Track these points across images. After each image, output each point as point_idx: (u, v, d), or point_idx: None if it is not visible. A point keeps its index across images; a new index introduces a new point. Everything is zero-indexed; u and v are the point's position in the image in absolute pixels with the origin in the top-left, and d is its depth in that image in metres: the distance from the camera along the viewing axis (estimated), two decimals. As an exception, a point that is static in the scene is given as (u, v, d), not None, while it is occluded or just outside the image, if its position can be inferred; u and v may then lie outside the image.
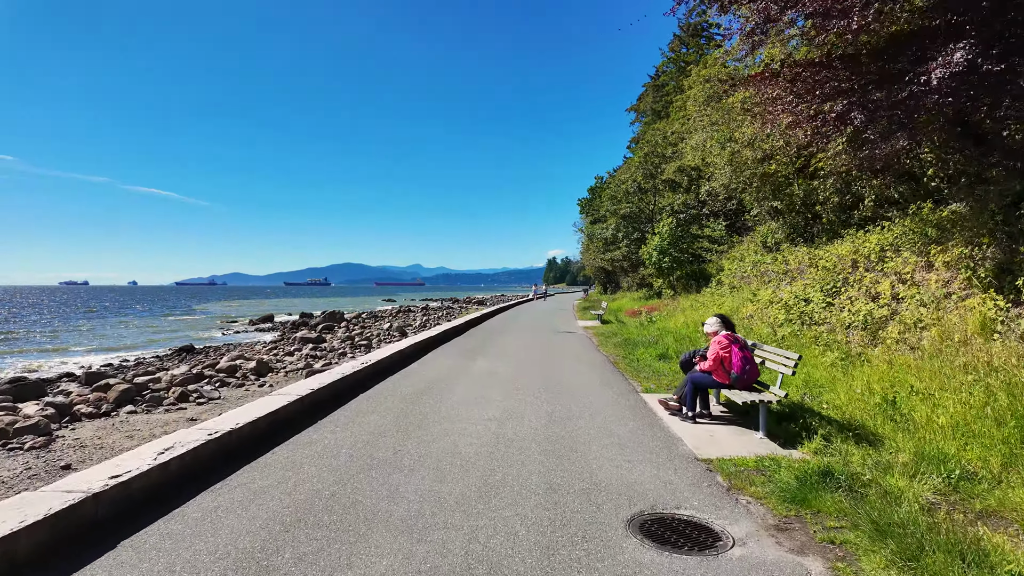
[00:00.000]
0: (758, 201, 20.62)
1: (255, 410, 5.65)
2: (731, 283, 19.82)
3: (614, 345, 14.02)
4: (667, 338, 13.90)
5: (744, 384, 6.10)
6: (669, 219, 27.20)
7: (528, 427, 6.13)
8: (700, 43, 56.20)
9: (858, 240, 13.31)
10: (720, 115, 21.21)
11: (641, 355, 11.72)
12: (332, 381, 7.56)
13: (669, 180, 33.56)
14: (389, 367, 10.13)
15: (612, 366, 10.79)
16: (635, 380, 9.21)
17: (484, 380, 9.01)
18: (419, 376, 9.42)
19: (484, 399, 7.55)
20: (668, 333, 14.72)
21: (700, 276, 26.71)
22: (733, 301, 16.28)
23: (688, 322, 15.36)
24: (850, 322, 10.43)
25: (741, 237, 26.75)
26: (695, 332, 13.79)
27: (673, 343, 12.67)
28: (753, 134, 18.22)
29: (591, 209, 58.37)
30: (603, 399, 7.62)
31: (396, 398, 7.61)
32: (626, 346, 13.53)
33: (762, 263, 18.71)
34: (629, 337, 15.23)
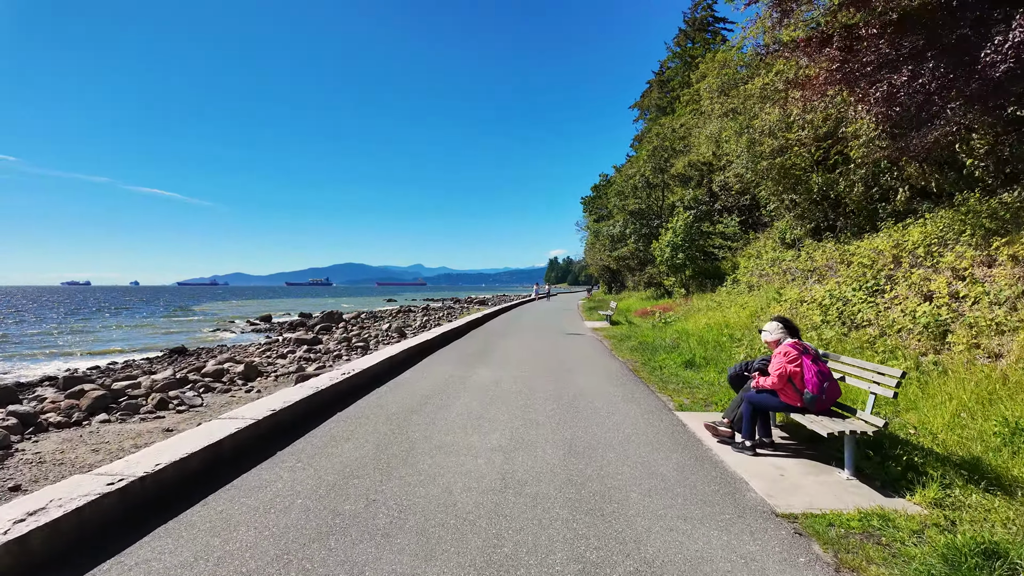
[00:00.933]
0: (775, 195, 19.30)
1: (187, 444, 4.31)
2: (749, 281, 18.48)
3: (629, 350, 12.68)
4: (689, 342, 12.56)
5: (822, 406, 4.75)
6: (685, 213, 25.82)
7: (543, 462, 4.78)
8: (706, 38, 55.06)
9: (896, 233, 12.01)
10: (737, 102, 19.88)
11: (663, 362, 10.38)
12: (303, 397, 6.23)
13: (679, 175, 32.23)
14: (378, 376, 8.81)
15: (632, 375, 9.44)
16: (663, 393, 7.86)
17: (486, 393, 7.68)
18: (411, 388, 8.08)
19: (487, 420, 6.22)
20: (688, 336, 13.38)
21: (714, 274, 25.38)
22: (757, 301, 14.94)
23: (711, 324, 14.01)
24: (903, 325, 9.13)
25: (757, 233, 25.43)
26: (720, 335, 12.46)
27: (697, 348, 11.32)
28: (775, 120, 16.93)
29: (595, 207, 57.13)
30: (631, 419, 6.27)
31: (380, 418, 6.27)
32: (643, 351, 12.19)
33: (782, 260, 17.41)
34: (645, 340, 13.90)
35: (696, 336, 12.87)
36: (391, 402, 7.11)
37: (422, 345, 12.13)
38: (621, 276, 50.79)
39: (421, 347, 12.04)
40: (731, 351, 10.52)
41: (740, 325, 13.20)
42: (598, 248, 42.81)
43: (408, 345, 11.59)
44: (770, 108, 17.64)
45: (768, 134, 17.49)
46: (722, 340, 11.99)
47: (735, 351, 10.14)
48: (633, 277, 41.37)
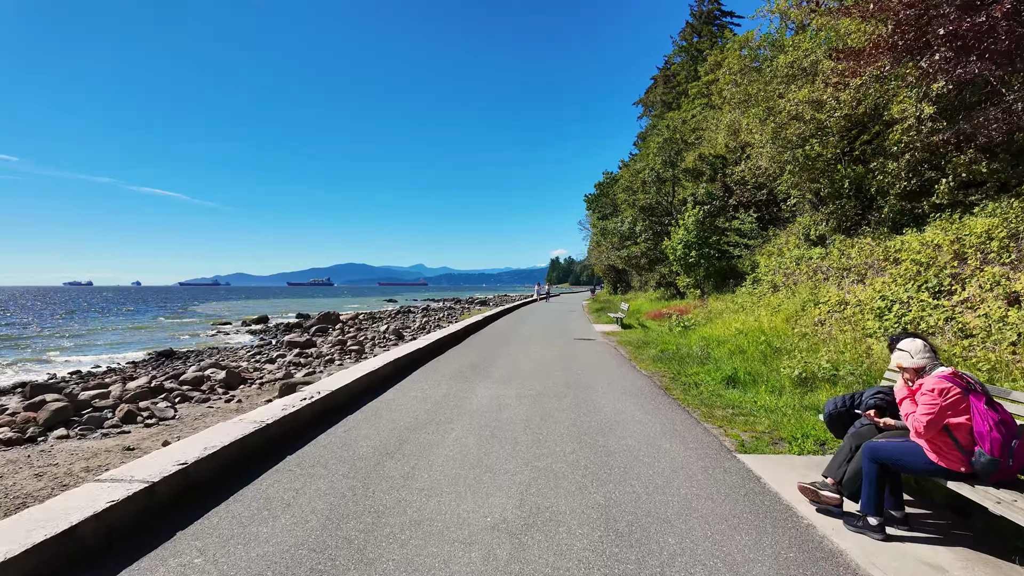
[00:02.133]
0: (798, 187, 17.66)
1: (45, 525, 2.66)
2: (773, 281, 16.84)
3: (652, 360, 10.99)
4: (719, 351, 10.90)
5: (1006, 475, 3.08)
6: (695, 209, 24.15)
7: (571, 555, 3.12)
8: (713, 31, 53.47)
9: (952, 226, 10.43)
10: (759, 86, 18.23)
11: (697, 377, 8.71)
12: (239, 437, 4.57)
13: (691, 169, 30.57)
14: (354, 397, 7.16)
15: (664, 395, 7.75)
16: (710, 423, 6.16)
17: (487, 423, 6.01)
18: (393, 414, 6.42)
19: (486, 469, 4.55)
20: (718, 343, 11.73)
21: (730, 274, 23.74)
22: (790, 303, 13.27)
23: (744, 329, 12.32)
24: (990, 332, 7.55)
25: (778, 229, 23.75)
26: (756, 343, 10.79)
27: (736, 360, 9.66)
28: (804, 98, 15.31)
29: (599, 205, 55.54)
30: (684, 469, 4.58)
31: (343, 466, 4.60)
32: (668, 362, 10.51)
33: (808, 258, 15.78)
34: (666, 348, 12.24)
35: (728, 344, 11.20)
36: (363, 437, 5.44)
37: (413, 355, 10.49)
38: (627, 276, 49.10)
39: (412, 357, 10.40)
40: (776, 365, 8.86)
41: (778, 332, 11.54)
42: (604, 246, 41.10)
43: (399, 354, 9.93)
44: (797, 87, 16.04)
45: (795, 117, 15.91)
46: (761, 349, 10.34)
47: (783, 365, 8.48)
48: (641, 277, 39.68)
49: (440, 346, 12.66)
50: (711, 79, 40.49)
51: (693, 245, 23.20)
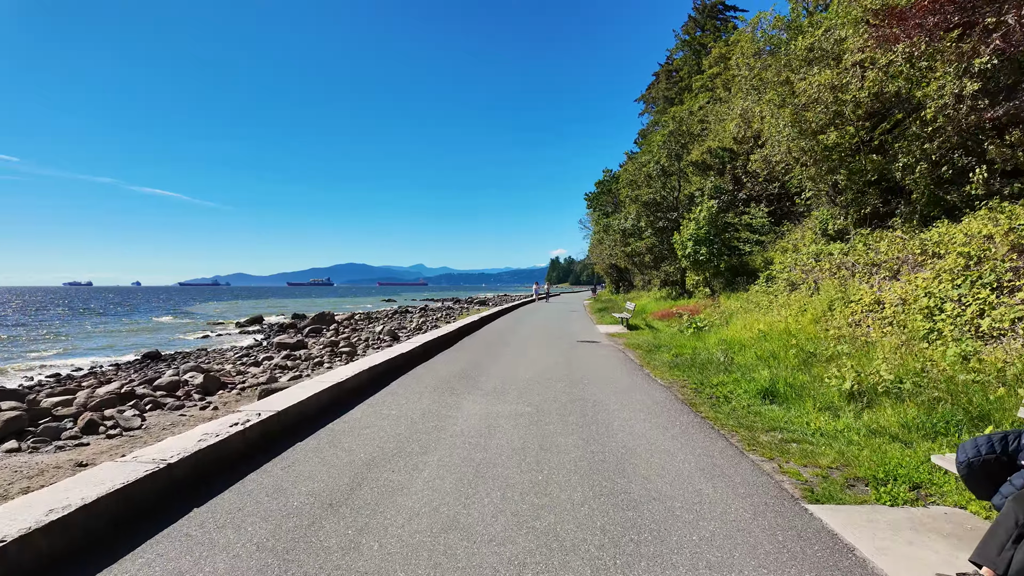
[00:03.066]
0: (815, 179, 16.39)
1: None
2: (790, 279, 15.52)
3: (667, 367, 9.63)
4: (743, 356, 9.57)
5: None
6: (709, 202, 22.80)
7: None
8: (716, 25, 52.28)
9: (1002, 216, 9.16)
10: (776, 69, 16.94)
11: (725, 388, 7.37)
12: (119, 487, 3.24)
13: (697, 162, 29.24)
14: (311, 417, 5.82)
15: (691, 412, 6.36)
16: (758, 454, 4.77)
17: (471, 455, 4.66)
18: (353, 443, 5.05)
19: (464, 534, 3.19)
20: (740, 348, 10.41)
21: (741, 271, 22.41)
22: (817, 303, 11.93)
23: (769, 332, 10.97)
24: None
25: (792, 224, 22.43)
26: (785, 348, 9.46)
27: (768, 367, 8.33)
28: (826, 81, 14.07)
29: (600, 204, 54.29)
30: (742, 536, 3.20)
31: (260, 532, 3.24)
32: (686, 369, 9.15)
33: (828, 254, 14.49)
34: (681, 352, 10.91)
35: (753, 348, 9.87)
36: (305, 478, 4.08)
37: (395, 361, 9.15)
38: (629, 275, 47.74)
39: (394, 363, 9.07)
40: (818, 373, 7.52)
41: (808, 334, 10.22)
42: (607, 244, 39.71)
43: (375, 361, 8.60)
44: (819, 69, 14.79)
45: (816, 101, 14.64)
46: (791, 354, 9.02)
47: (827, 374, 7.14)
48: (644, 275, 38.32)
49: (427, 351, 11.31)
50: (716, 71, 39.37)
51: (703, 241, 21.85)
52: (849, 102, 13.88)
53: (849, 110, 13.94)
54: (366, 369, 7.77)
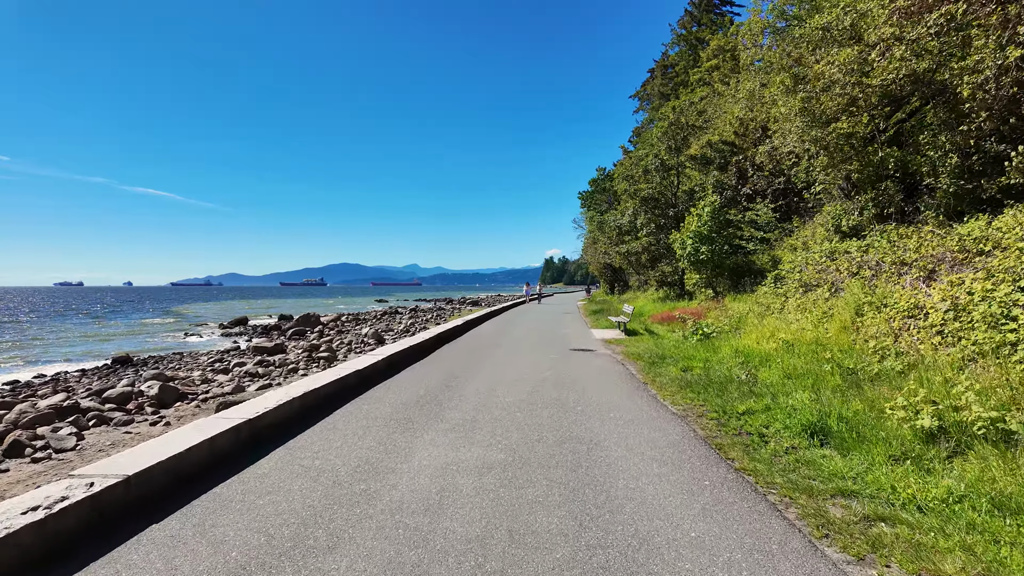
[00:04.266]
0: (829, 170, 14.89)
1: None
2: (803, 279, 13.97)
3: (676, 385, 7.96)
4: (768, 373, 7.97)
5: None
6: (713, 197, 21.23)
7: None
8: (713, 19, 50.96)
9: None
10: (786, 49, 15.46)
11: (755, 419, 5.74)
12: None
13: (697, 156, 27.67)
14: (186, 479, 4.17)
15: (720, 461, 4.64)
16: (836, 546, 3.11)
17: (401, 559, 3.00)
18: (225, 531, 3.33)
19: None
20: (760, 360, 8.81)
21: (746, 271, 20.85)
22: (843, 308, 10.34)
23: (794, 340, 9.38)
24: None
25: (802, 220, 20.88)
26: (817, 362, 7.89)
27: (802, 387, 6.73)
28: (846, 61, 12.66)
29: (594, 203, 52.84)
30: None
31: None
32: (700, 389, 7.50)
33: (845, 252, 12.99)
34: (690, 366, 9.29)
35: (778, 362, 8.27)
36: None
37: (346, 380, 7.50)
38: (624, 275, 46.23)
39: (344, 383, 7.42)
40: (872, 399, 5.92)
41: (839, 345, 8.64)
42: (601, 242, 38.10)
43: (319, 383, 6.96)
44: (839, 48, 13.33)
45: (833, 83, 13.20)
46: (825, 370, 7.43)
47: (889, 404, 5.54)
48: (641, 275, 36.74)
49: (392, 364, 9.65)
50: (714, 64, 37.91)
51: (707, 239, 20.25)
52: (874, 86, 12.41)
53: (865, 95, 12.55)
54: (297, 396, 6.12)
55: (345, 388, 7.43)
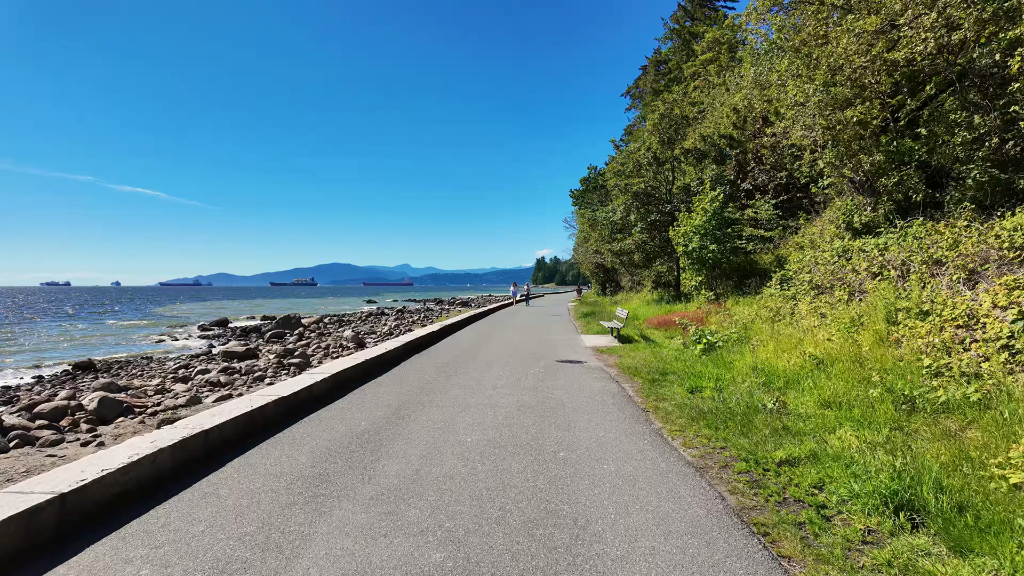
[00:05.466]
0: (837, 163, 13.45)
1: None
2: (811, 281, 12.47)
3: (686, 416, 6.26)
4: (802, 400, 6.38)
5: None
6: (715, 191, 19.66)
7: None
8: (707, 13, 49.78)
9: None
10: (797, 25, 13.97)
11: (802, 477, 4.11)
12: None
13: (693, 149, 26.13)
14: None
15: (768, 559, 3.12)
16: None
17: None
18: None
19: None
20: (786, 381, 7.23)
21: (749, 271, 19.33)
22: (872, 315, 8.77)
23: (826, 355, 7.75)
24: None
25: (808, 216, 19.39)
26: (857, 386, 6.31)
27: (844, 422, 5.14)
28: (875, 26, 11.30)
29: (585, 201, 51.52)
30: None
31: None
32: (717, 423, 5.82)
33: (860, 249, 11.52)
34: (698, 386, 7.66)
35: (808, 385, 6.68)
36: None
37: (262, 412, 5.83)
38: (616, 275, 44.72)
39: (256, 419, 5.77)
40: (966, 450, 4.34)
41: (882, 363, 7.05)
42: (592, 241, 36.52)
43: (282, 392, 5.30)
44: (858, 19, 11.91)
45: (851, 59, 11.82)
46: (873, 395, 5.85)
47: (991, 459, 3.96)
48: (634, 276, 35.17)
49: (339, 385, 7.96)
50: (709, 57, 36.48)
51: (710, 235, 18.67)
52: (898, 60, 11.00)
53: (880, 77, 11.22)
54: (146, 455, 4.43)
55: (266, 420, 5.76)
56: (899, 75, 11.93)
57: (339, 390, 7.74)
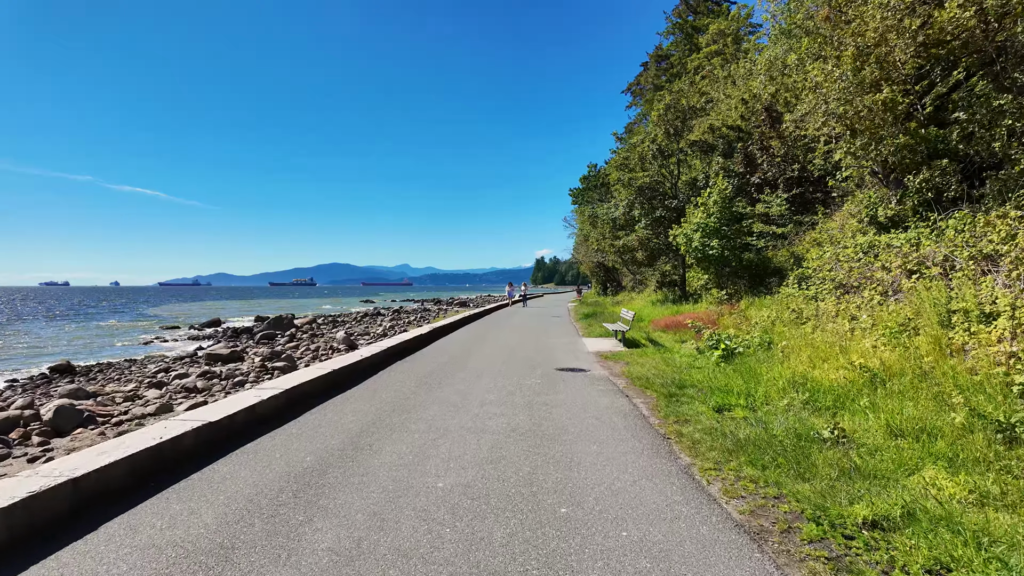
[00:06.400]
0: (859, 152, 12.21)
1: None
2: (835, 279, 11.19)
3: (719, 445, 4.91)
4: (857, 423, 5.10)
5: None
6: (723, 183, 18.36)
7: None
8: (709, 7, 48.58)
9: None
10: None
11: (910, 547, 2.91)
12: None
13: (700, 142, 24.85)
14: None
15: None
16: None
17: None
18: None
19: None
20: (831, 397, 5.95)
21: (762, 269, 18.05)
22: (921, 319, 7.47)
23: (882, 368, 6.46)
24: None
25: (827, 211, 18.09)
26: (926, 405, 5.04)
27: (926, 458, 3.87)
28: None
29: (585, 200, 50.30)
30: None
31: None
32: (765, 459, 4.53)
33: (887, 245, 10.28)
34: (726, 404, 6.36)
35: (864, 404, 5.41)
36: None
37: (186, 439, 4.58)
38: (618, 274, 43.41)
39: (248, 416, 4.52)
40: None
41: (955, 378, 5.76)
42: (594, 239, 35.18)
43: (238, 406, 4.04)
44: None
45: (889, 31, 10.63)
46: (958, 422, 4.59)
47: None
48: (636, 275, 33.83)
49: (294, 402, 6.64)
50: (714, 50, 35.23)
51: (715, 232, 17.36)
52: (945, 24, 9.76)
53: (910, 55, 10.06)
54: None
55: (179, 455, 4.47)
56: (928, 56, 10.71)
57: (294, 408, 6.43)
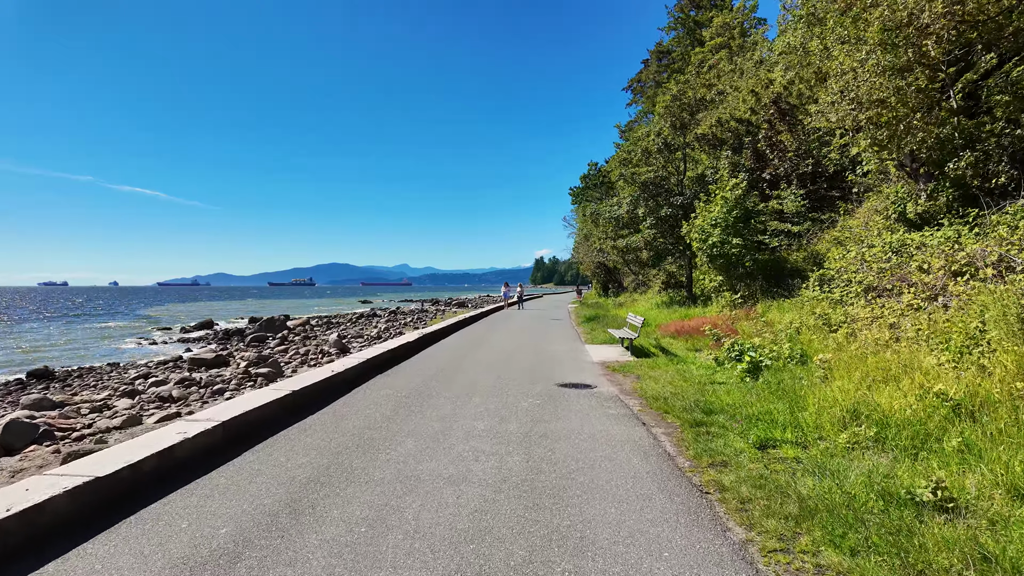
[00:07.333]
0: (895, 140, 10.98)
1: None
2: (864, 281, 9.94)
3: (782, 512, 3.58)
4: (959, 479, 3.86)
5: None
6: (738, 178, 17.07)
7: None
8: (712, 2, 47.52)
9: None
10: None
11: None
12: None
13: (707, 136, 23.58)
14: None
15: None
16: None
17: None
18: None
19: None
20: (906, 435, 4.70)
21: (777, 270, 16.81)
22: (1000, 333, 6.18)
23: (965, 398, 5.18)
24: None
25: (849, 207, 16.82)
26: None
27: None
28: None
29: (585, 199, 49.16)
30: None
31: None
32: (851, 537, 3.29)
33: (922, 246, 9.03)
34: (770, 438, 5.11)
35: (951, 445, 4.15)
36: None
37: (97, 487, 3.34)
38: (619, 275, 42.14)
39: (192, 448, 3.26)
40: None
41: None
42: (594, 238, 33.91)
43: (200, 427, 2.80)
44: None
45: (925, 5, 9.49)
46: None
47: None
48: (639, 275, 32.54)
49: (234, 439, 5.36)
50: (718, 43, 34.10)
51: (732, 229, 16.07)
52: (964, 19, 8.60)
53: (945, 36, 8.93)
54: None
55: (35, 533, 3.20)
56: (960, 40, 9.52)
57: (233, 446, 5.14)
